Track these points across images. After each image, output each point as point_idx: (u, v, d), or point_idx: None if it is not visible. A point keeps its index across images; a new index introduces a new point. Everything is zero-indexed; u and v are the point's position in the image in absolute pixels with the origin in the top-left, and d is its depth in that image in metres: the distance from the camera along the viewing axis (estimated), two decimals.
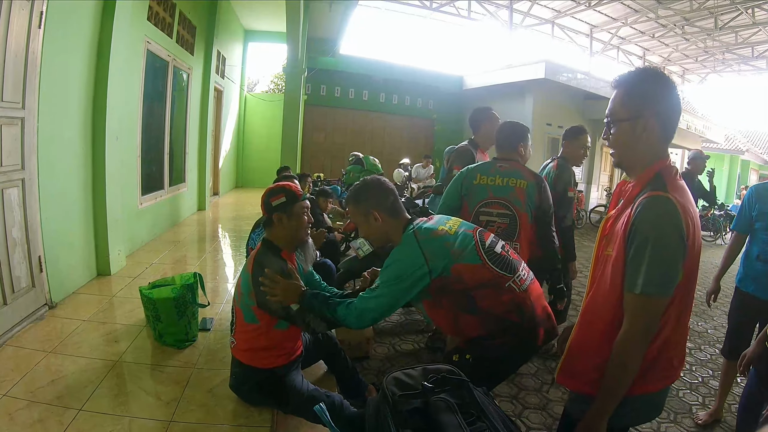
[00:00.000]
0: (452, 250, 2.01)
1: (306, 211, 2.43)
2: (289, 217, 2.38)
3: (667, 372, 1.53)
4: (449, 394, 1.36)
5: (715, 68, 18.91)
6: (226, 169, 11.60)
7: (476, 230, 2.16)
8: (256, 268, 2.29)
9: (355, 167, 7.81)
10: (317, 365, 3.01)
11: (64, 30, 3.77)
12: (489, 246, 2.08)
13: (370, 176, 2.32)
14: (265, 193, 2.43)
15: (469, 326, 2.05)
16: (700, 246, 1.50)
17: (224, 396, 2.57)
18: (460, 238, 2.06)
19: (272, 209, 2.38)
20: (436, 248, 2.01)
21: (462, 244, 2.04)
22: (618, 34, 15.96)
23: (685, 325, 1.55)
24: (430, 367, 1.46)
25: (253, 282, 2.27)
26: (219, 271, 5.24)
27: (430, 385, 1.36)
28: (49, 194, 3.63)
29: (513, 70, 13.53)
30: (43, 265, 3.57)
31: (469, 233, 2.10)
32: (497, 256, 2.07)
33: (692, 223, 1.41)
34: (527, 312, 2.00)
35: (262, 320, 2.31)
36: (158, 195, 6.53)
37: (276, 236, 2.43)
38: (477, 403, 1.34)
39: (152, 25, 5.84)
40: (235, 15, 10.94)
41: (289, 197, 2.38)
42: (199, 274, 3.36)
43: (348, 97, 14.95)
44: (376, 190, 2.21)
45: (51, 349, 2.97)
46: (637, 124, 1.51)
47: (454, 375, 1.42)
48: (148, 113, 5.95)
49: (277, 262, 2.31)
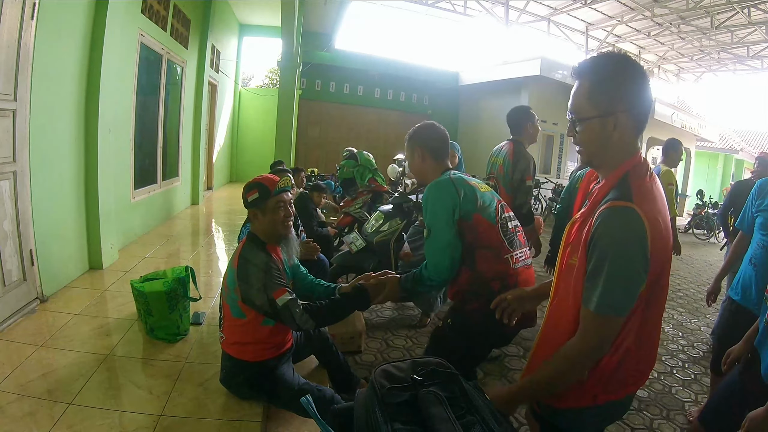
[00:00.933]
0: (478, 201, 2.15)
1: (283, 205, 2.38)
2: (263, 213, 2.36)
3: (632, 379, 1.46)
4: (439, 387, 1.34)
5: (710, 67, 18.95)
6: (220, 164, 11.56)
7: (500, 202, 2.29)
8: (241, 262, 2.28)
9: (348, 162, 7.77)
10: (309, 359, 3.02)
11: (57, 22, 3.74)
12: (504, 217, 2.23)
13: (429, 120, 2.44)
14: (243, 188, 2.41)
15: (461, 276, 2.18)
16: (670, 253, 1.42)
17: (215, 390, 2.57)
18: (487, 196, 2.22)
19: (248, 205, 2.38)
20: (468, 191, 2.15)
21: (487, 200, 2.20)
22: (614, 32, 15.95)
23: (653, 332, 1.45)
24: (419, 360, 1.45)
25: (239, 277, 2.26)
26: (212, 265, 5.23)
27: (420, 378, 1.35)
28: (41, 187, 3.61)
29: (509, 66, 13.54)
30: (35, 259, 3.55)
31: (494, 199, 2.26)
32: (507, 228, 2.20)
33: (660, 235, 1.31)
34: (509, 288, 2.04)
35: (249, 315, 2.31)
36: (151, 189, 6.50)
37: (257, 230, 2.42)
38: (467, 396, 1.33)
39: (146, 17, 5.80)
40: (230, 9, 10.89)
41: (261, 193, 2.34)
42: (190, 268, 3.35)
43: (343, 92, 14.91)
44: (428, 132, 2.36)
45: (42, 343, 2.96)
46: (608, 122, 1.35)
47: (444, 368, 1.41)
48: (141, 106, 5.92)
49: (261, 256, 2.30)
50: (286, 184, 2.41)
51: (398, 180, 10.18)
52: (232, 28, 11.60)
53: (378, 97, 15.37)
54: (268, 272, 2.23)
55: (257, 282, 2.21)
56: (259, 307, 2.23)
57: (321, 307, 2.26)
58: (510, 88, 13.59)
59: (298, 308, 2.19)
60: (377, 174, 7.28)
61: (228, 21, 10.94)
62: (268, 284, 2.21)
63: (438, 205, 2.13)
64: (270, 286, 2.20)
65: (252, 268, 2.25)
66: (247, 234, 2.46)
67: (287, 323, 2.22)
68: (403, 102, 15.74)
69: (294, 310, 2.18)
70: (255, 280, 2.22)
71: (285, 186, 2.40)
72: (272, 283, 2.21)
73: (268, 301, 2.19)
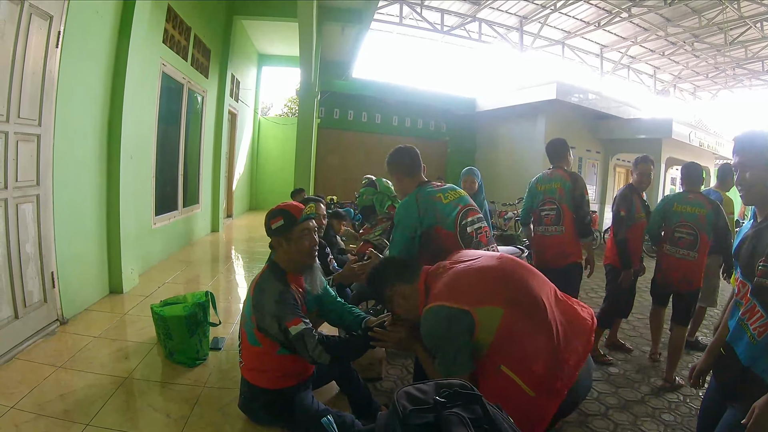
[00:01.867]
0: (438, 214, 2.53)
1: (309, 233, 2.32)
2: (288, 242, 2.29)
3: (565, 379, 1.71)
4: (461, 408, 1.30)
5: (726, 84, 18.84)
6: (240, 192, 11.67)
7: (464, 208, 2.62)
8: (257, 291, 2.24)
9: (368, 189, 7.77)
10: (329, 386, 2.94)
11: (81, 50, 3.83)
12: (464, 223, 2.56)
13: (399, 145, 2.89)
14: (267, 215, 2.36)
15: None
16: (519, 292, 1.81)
17: (234, 415, 2.51)
18: (449, 208, 2.56)
19: (271, 233, 2.31)
20: (429, 207, 2.55)
21: (447, 211, 2.55)
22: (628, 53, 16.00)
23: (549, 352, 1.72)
24: (442, 382, 1.41)
25: (253, 305, 2.22)
26: (232, 292, 5.21)
27: (442, 399, 1.31)
28: (63, 211, 3.65)
29: (525, 91, 13.56)
30: (56, 281, 3.58)
31: (457, 207, 2.59)
32: (466, 234, 2.55)
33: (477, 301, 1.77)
34: None
35: (264, 344, 2.24)
36: (172, 215, 6.56)
37: (280, 259, 2.35)
38: (491, 418, 1.28)
39: (167, 47, 5.94)
40: (250, 39, 11.11)
41: (287, 220, 2.28)
42: (210, 293, 3.34)
43: (361, 120, 15.01)
44: (397, 155, 2.83)
45: (60, 364, 2.95)
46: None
47: (467, 389, 1.36)
48: (162, 134, 6.02)
49: (277, 286, 2.22)
50: (312, 211, 2.36)
51: None
52: (251, 58, 11.82)
53: (396, 124, 15.43)
54: (282, 302, 2.16)
55: (270, 311, 2.15)
56: (273, 336, 2.17)
57: (339, 341, 2.19)
58: (527, 113, 13.58)
59: (313, 339, 2.10)
60: (396, 201, 7.24)
61: (247, 51, 11.15)
62: (282, 314, 2.13)
63: (402, 223, 2.63)
64: (284, 316, 2.13)
65: (266, 297, 2.19)
66: (268, 261, 2.39)
67: (301, 354, 2.14)
68: (421, 129, 15.79)
69: (308, 340, 2.09)
70: (268, 309, 2.16)
71: (311, 213, 2.34)
72: (286, 312, 2.14)
73: (281, 330, 2.12)
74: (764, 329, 1.68)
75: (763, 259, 1.67)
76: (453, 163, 15.04)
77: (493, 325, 1.73)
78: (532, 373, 1.68)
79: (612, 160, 14.47)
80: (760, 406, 1.59)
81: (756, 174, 1.78)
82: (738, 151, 1.85)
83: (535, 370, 1.68)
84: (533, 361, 1.70)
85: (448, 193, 2.65)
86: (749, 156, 1.80)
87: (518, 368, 1.70)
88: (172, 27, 6.04)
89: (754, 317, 1.72)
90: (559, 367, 1.71)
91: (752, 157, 1.79)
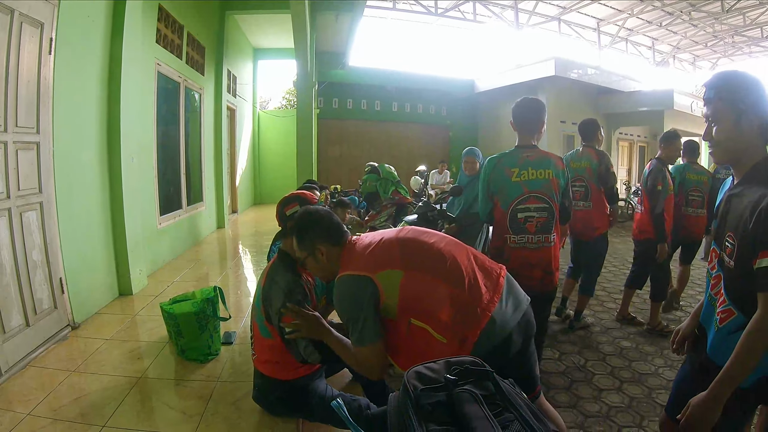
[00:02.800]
0: (501, 187, 2.82)
1: None
2: None
3: (472, 324, 1.75)
4: (473, 385, 1.28)
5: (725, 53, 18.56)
6: (243, 187, 11.68)
7: (530, 193, 2.74)
8: (268, 282, 2.23)
9: (371, 176, 7.79)
10: (342, 373, 2.95)
11: (75, 55, 3.83)
12: (518, 209, 2.74)
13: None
14: (280, 203, 2.36)
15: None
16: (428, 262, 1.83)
17: (248, 408, 2.54)
18: (513, 188, 2.76)
19: (286, 219, 2.31)
20: (497, 178, 2.85)
21: (509, 191, 2.78)
22: (625, 26, 15.76)
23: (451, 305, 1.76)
24: (452, 360, 1.39)
25: (263, 296, 2.21)
26: (241, 286, 5.23)
27: (453, 377, 1.30)
28: (68, 216, 3.67)
29: (523, 69, 13.42)
30: (65, 287, 3.60)
31: (522, 189, 2.75)
32: (516, 219, 2.73)
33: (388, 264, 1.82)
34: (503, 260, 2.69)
35: (275, 335, 2.23)
36: (177, 214, 6.58)
37: (290, 247, 2.27)
38: (503, 394, 1.27)
39: (162, 47, 5.92)
40: (244, 34, 11.06)
41: (303, 206, 2.27)
42: (219, 288, 3.35)
43: (360, 108, 14.93)
44: (516, 110, 2.99)
45: (74, 368, 2.99)
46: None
47: (478, 366, 1.35)
48: (162, 134, 6.02)
49: (288, 276, 2.20)
50: (324, 199, 2.36)
51: (421, 191, 10.16)
52: (246, 53, 11.78)
53: (396, 110, 15.34)
54: (289, 295, 2.13)
55: (277, 302, 2.13)
56: (279, 329, 2.15)
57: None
58: (526, 91, 13.27)
59: (305, 339, 2.07)
60: (400, 186, 7.25)
61: (242, 46, 11.11)
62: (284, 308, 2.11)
63: (480, 180, 2.92)
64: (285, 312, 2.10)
65: (276, 288, 2.17)
66: (278, 252, 2.38)
67: (291, 351, 2.13)
68: (421, 114, 15.68)
69: (299, 341, 2.07)
70: (276, 301, 2.14)
71: (322, 201, 2.35)
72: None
73: (279, 327, 2.12)
74: (727, 316, 1.52)
75: (731, 234, 1.50)
76: (456, 145, 14.93)
77: (395, 287, 1.80)
78: (439, 321, 1.76)
79: (615, 134, 14.34)
80: (696, 403, 1.49)
81: (724, 129, 1.54)
82: (707, 99, 1.60)
83: (441, 317, 1.76)
84: (438, 309, 1.77)
85: (527, 171, 2.76)
86: (718, 107, 1.55)
87: (426, 318, 1.78)
88: (165, 26, 6.02)
89: (720, 298, 1.57)
90: (465, 311, 1.77)
91: (722, 108, 1.54)
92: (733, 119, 1.52)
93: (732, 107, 1.51)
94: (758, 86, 1.52)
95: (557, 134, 13.05)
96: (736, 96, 1.51)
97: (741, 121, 1.50)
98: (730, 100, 1.52)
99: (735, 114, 1.51)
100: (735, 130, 1.52)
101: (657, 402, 3.11)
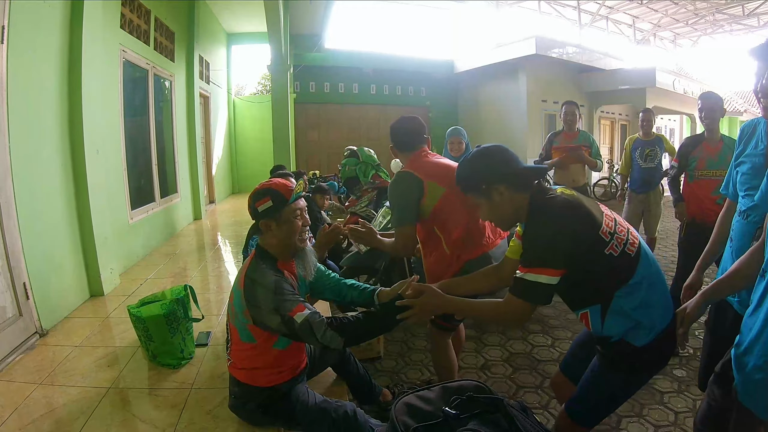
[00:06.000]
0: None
1: (300, 214, 2.12)
2: (278, 224, 2.07)
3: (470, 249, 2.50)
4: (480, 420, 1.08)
5: (706, 31, 18.57)
6: (220, 176, 11.42)
7: None
8: (248, 283, 2.02)
9: (350, 160, 7.57)
10: (326, 373, 2.80)
11: (31, 43, 3.58)
12: None
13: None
14: (251, 196, 2.12)
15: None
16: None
17: (225, 417, 2.38)
18: None
19: (258, 215, 2.08)
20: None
21: None
22: (606, 4, 15.65)
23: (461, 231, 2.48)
24: (450, 386, 1.18)
25: (246, 299, 2.00)
26: (220, 281, 5.04)
27: (454, 411, 1.10)
28: (29, 216, 3.46)
29: (503, 48, 13.24)
30: (30, 292, 3.40)
31: None
32: None
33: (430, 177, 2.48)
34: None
35: (259, 339, 2.05)
36: (150, 208, 6.36)
37: (268, 244, 2.13)
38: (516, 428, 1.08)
39: (126, 32, 5.65)
40: (215, 18, 10.71)
41: (276, 200, 2.05)
42: (189, 287, 3.16)
43: (338, 92, 14.67)
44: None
45: (42, 380, 2.80)
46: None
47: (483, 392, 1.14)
48: (130, 124, 5.77)
49: (270, 275, 2.01)
50: (301, 189, 2.15)
51: None
52: (219, 38, 11.44)
53: (374, 93, 15.11)
54: (278, 291, 1.94)
55: (268, 304, 1.93)
56: (274, 330, 1.96)
57: (351, 322, 1.94)
58: (507, 71, 13.30)
59: (322, 324, 1.88)
60: (380, 170, 7.07)
61: (214, 31, 10.77)
62: (281, 304, 1.92)
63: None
64: (283, 306, 1.91)
65: (260, 289, 1.97)
66: (255, 249, 2.18)
67: (309, 342, 1.92)
68: (401, 96, 15.47)
69: (316, 326, 1.87)
70: (265, 303, 1.94)
71: (300, 191, 2.12)
72: (285, 301, 1.93)
73: (284, 321, 1.90)
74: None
75: None
76: (436, 126, 14.71)
77: (435, 197, 2.46)
78: (450, 236, 2.48)
79: (596, 112, 14.28)
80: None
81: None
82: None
83: (453, 235, 2.47)
84: (454, 229, 2.47)
85: None
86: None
87: (443, 231, 2.49)
88: (130, 11, 5.73)
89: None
90: (471, 239, 2.49)
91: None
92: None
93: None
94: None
95: (538, 114, 12.96)
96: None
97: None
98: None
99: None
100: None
101: (656, 389, 3.05)
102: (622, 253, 1.62)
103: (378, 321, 2.01)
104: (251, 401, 2.18)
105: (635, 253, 1.65)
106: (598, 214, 1.66)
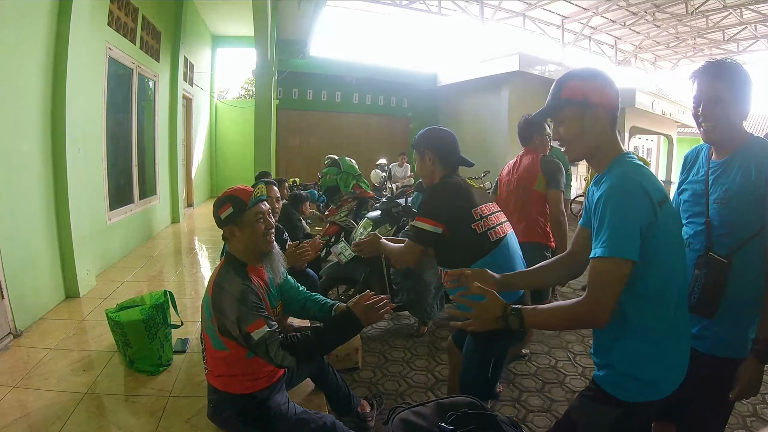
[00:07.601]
0: None
1: (262, 217, 2.13)
2: (241, 229, 2.09)
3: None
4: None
5: (686, 54, 19.10)
6: (199, 179, 11.31)
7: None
8: (216, 290, 2.02)
9: (331, 169, 7.59)
10: (304, 383, 2.80)
11: (15, 37, 3.54)
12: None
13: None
14: (214, 205, 2.13)
15: None
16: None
17: (203, 426, 2.36)
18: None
19: (222, 223, 2.10)
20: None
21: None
22: (589, 24, 16.00)
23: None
24: (444, 402, 1.21)
25: (214, 306, 2.00)
26: (197, 286, 4.98)
27: (449, 427, 1.13)
28: (6, 213, 3.40)
29: (487, 64, 13.42)
30: (4, 291, 3.33)
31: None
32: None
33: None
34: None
35: (230, 347, 2.04)
36: (129, 209, 6.27)
37: (235, 250, 2.14)
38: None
39: (113, 30, 5.59)
40: (202, 20, 10.65)
41: (236, 206, 2.07)
42: (169, 292, 3.12)
43: (321, 100, 14.72)
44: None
45: (15, 383, 2.75)
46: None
47: (477, 409, 1.18)
48: (113, 122, 5.71)
49: (237, 282, 2.01)
50: (262, 193, 2.16)
51: (382, 185, 10.03)
52: (204, 40, 11.37)
53: (357, 102, 15.20)
54: (243, 301, 1.95)
55: (232, 313, 1.93)
56: (236, 339, 1.97)
57: (301, 340, 1.96)
58: (489, 86, 13.47)
59: (275, 343, 1.89)
60: (361, 180, 7.10)
61: (200, 32, 10.71)
62: (243, 316, 1.92)
63: None
64: (245, 318, 1.92)
65: (227, 296, 1.97)
66: (225, 255, 2.19)
67: (264, 358, 1.94)
68: (383, 106, 15.58)
69: (270, 345, 1.89)
70: (230, 311, 1.94)
71: (261, 195, 2.14)
72: (248, 313, 1.93)
73: (242, 334, 1.92)
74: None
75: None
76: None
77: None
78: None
79: None
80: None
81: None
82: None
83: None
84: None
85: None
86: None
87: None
88: (118, 8, 5.67)
89: None
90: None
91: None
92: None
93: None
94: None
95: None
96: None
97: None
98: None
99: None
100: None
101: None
102: (483, 234, 2.09)
103: (327, 336, 2.04)
104: (228, 409, 2.16)
105: (495, 240, 2.10)
106: (479, 200, 2.20)
